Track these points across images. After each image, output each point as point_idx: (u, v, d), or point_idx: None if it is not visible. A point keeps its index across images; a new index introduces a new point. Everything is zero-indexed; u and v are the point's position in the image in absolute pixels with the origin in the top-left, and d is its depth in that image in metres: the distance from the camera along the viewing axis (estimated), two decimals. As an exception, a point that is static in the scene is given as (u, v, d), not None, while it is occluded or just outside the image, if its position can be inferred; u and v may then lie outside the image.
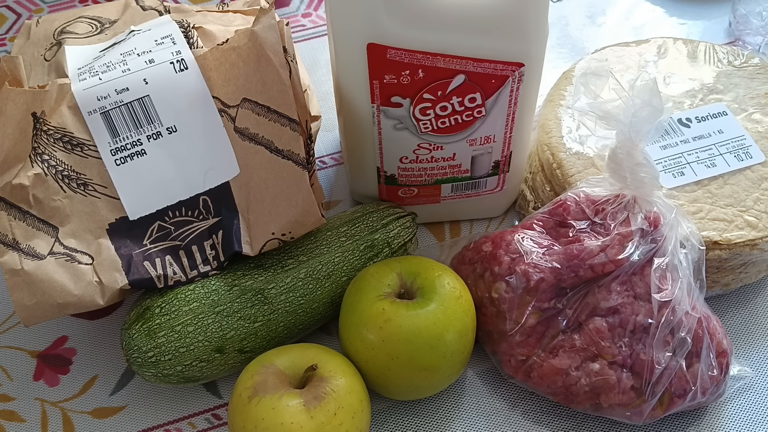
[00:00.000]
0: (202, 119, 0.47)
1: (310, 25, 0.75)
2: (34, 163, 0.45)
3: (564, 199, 0.49)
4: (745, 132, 0.54)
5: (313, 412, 0.41)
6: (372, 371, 0.46)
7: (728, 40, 0.72)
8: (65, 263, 0.45)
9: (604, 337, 0.45)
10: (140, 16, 0.53)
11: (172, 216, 0.48)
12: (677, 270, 0.46)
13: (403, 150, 0.52)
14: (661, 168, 0.52)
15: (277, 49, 0.46)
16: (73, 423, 0.51)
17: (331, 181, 0.63)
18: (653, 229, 0.46)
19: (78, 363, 0.54)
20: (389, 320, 0.45)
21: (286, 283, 0.49)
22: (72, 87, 0.46)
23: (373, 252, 0.52)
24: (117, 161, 0.47)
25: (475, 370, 0.52)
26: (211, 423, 0.51)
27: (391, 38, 0.45)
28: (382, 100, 0.48)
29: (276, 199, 0.47)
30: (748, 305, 0.54)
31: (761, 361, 0.52)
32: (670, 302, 0.45)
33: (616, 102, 0.47)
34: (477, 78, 0.47)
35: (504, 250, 0.48)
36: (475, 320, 0.48)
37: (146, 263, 0.47)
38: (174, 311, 0.46)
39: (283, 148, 0.46)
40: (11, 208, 0.45)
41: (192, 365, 0.47)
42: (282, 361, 0.45)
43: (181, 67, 0.47)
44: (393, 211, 0.54)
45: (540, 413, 0.50)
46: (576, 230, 0.47)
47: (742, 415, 0.49)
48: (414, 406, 0.51)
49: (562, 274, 0.46)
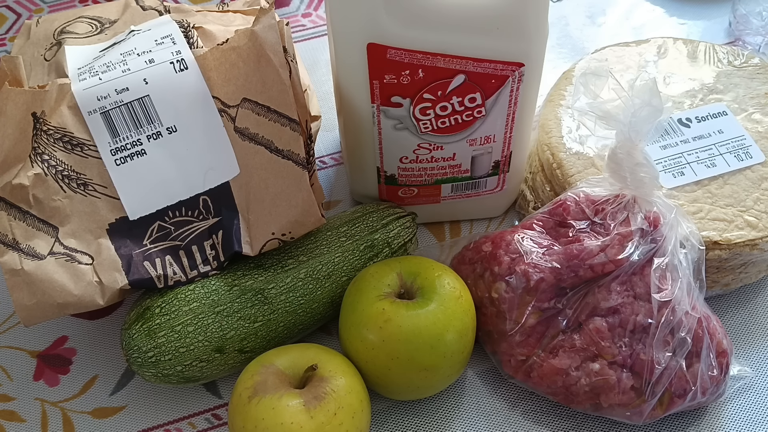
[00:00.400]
0: (202, 119, 0.47)
1: (310, 25, 0.75)
2: (34, 163, 0.45)
3: (564, 199, 0.49)
4: (745, 132, 0.54)
5: (313, 412, 0.41)
6: (372, 371, 0.46)
7: (728, 40, 0.72)
8: (65, 263, 0.45)
9: (604, 337, 0.45)
10: (140, 16, 0.53)
11: (172, 216, 0.48)
12: (677, 270, 0.46)
13: (403, 150, 0.52)
14: (661, 168, 0.52)
15: (277, 49, 0.46)
16: (73, 423, 0.51)
17: (331, 181, 0.63)
18: (653, 229, 0.46)
19: (78, 363, 0.54)
20: (389, 320, 0.45)
21: (286, 283, 0.49)
22: (72, 87, 0.46)
23: (373, 252, 0.52)
24: (117, 161, 0.47)
25: (475, 370, 0.52)
26: (211, 423, 0.51)
27: (391, 38, 0.45)
28: (382, 100, 0.48)
29: (276, 199, 0.47)
30: (748, 305, 0.54)
31: (761, 361, 0.52)
32: (670, 302, 0.45)
33: (615, 102, 0.47)
34: (477, 78, 0.47)
35: (504, 250, 0.48)
36: (475, 320, 0.48)
37: (146, 263, 0.47)
38: (174, 311, 0.46)
39: (283, 148, 0.46)
40: (11, 208, 0.45)
41: (192, 365, 0.47)
42: (282, 361, 0.45)
43: (181, 67, 0.47)
44: (393, 211, 0.54)
45: (540, 413, 0.50)
46: (576, 230, 0.47)
47: (742, 415, 0.49)
48: (414, 406, 0.51)
49: (562, 274, 0.46)
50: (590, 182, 0.49)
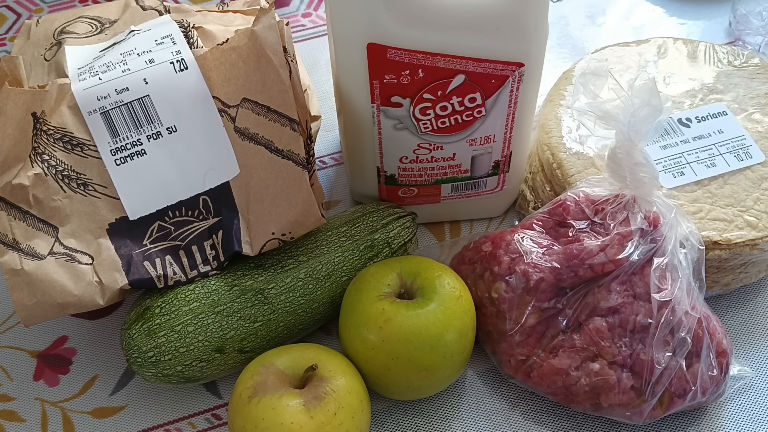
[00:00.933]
0: (202, 119, 0.47)
1: (310, 25, 0.75)
2: (34, 163, 0.45)
3: (564, 199, 0.49)
4: (745, 132, 0.54)
5: (313, 412, 0.41)
6: (372, 371, 0.46)
7: (728, 40, 0.72)
8: (65, 263, 0.45)
9: (604, 336, 0.45)
10: (140, 16, 0.53)
11: (172, 216, 0.48)
12: (677, 270, 0.46)
13: (403, 150, 0.52)
14: (661, 168, 0.52)
15: (277, 49, 0.46)
16: (73, 423, 0.51)
17: (331, 181, 0.63)
18: (653, 228, 0.46)
19: (78, 363, 0.54)
20: (389, 320, 0.45)
21: (286, 283, 0.49)
22: (72, 87, 0.46)
23: (373, 252, 0.52)
24: (117, 161, 0.47)
25: (475, 370, 0.52)
26: (211, 423, 0.51)
27: (391, 38, 0.45)
28: (382, 100, 0.48)
29: (276, 199, 0.47)
30: (748, 305, 0.54)
31: (761, 361, 0.52)
32: (669, 302, 0.45)
33: (615, 102, 0.47)
34: (477, 78, 0.47)
35: (504, 250, 0.48)
36: (475, 320, 0.48)
37: (146, 263, 0.47)
38: (174, 311, 0.46)
39: (283, 148, 0.46)
40: (11, 208, 0.45)
41: (192, 365, 0.47)
42: (282, 361, 0.45)
43: (181, 67, 0.47)
44: (393, 211, 0.54)
45: (540, 413, 0.50)
46: (576, 230, 0.47)
47: (742, 415, 0.49)
48: (414, 406, 0.51)
49: (561, 273, 0.46)
50: (590, 182, 0.49)
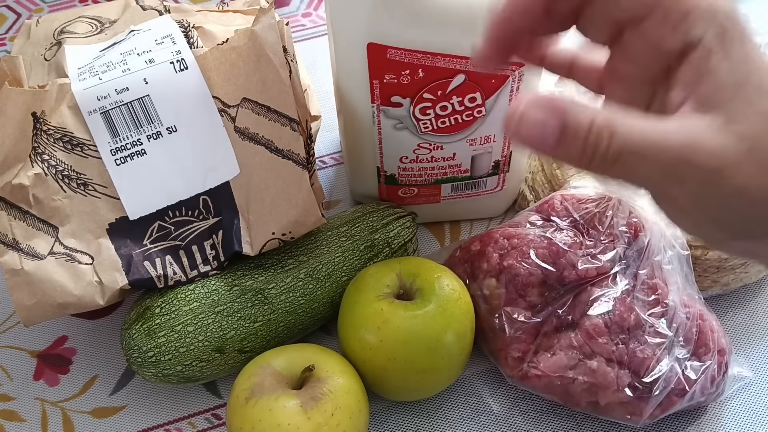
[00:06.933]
0: (202, 119, 0.47)
1: (310, 25, 0.75)
2: (34, 163, 0.45)
3: (552, 197, 0.50)
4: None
5: (310, 412, 0.41)
6: (370, 372, 0.46)
7: (729, 39, 0.72)
8: (65, 263, 0.45)
9: (601, 333, 0.45)
10: (140, 15, 0.53)
11: (172, 216, 0.48)
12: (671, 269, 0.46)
13: (403, 150, 0.52)
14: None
15: (277, 48, 0.45)
16: (73, 423, 0.51)
17: (331, 181, 0.63)
18: (642, 228, 0.46)
19: (78, 363, 0.54)
20: (387, 321, 0.45)
21: (286, 283, 0.49)
22: (72, 87, 0.46)
23: (373, 252, 0.52)
24: (117, 161, 0.47)
25: (474, 370, 0.52)
26: (211, 423, 0.51)
27: (391, 38, 0.45)
28: (382, 100, 0.48)
29: (276, 199, 0.47)
30: (748, 305, 0.54)
31: (761, 361, 0.52)
32: (666, 301, 0.45)
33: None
34: (477, 78, 0.47)
35: (492, 247, 0.48)
36: (474, 322, 0.47)
37: (146, 263, 0.47)
38: (174, 311, 0.46)
39: (283, 147, 0.46)
40: (11, 208, 0.45)
41: (192, 365, 0.47)
42: (279, 361, 0.45)
43: (181, 66, 0.47)
44: (393, 211, 0.54)
45: (539, 413, 0.50)
46: (557, 228, 0.48)
47: (742, 414, 0.49)
48: (413, 406, 0.51)
49: (549, 271, 0.46)
50: (580, 183, 0.50)
